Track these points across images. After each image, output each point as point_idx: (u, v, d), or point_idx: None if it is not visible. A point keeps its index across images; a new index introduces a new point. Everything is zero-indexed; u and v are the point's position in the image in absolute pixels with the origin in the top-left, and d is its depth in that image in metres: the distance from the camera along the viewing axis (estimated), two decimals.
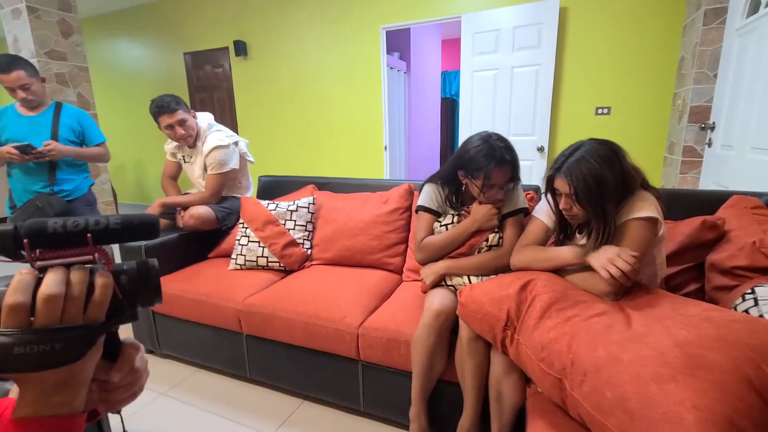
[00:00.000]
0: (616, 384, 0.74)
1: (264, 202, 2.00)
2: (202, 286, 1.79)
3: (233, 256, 1.94)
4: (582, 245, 1.13)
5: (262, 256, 1.89)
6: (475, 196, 1.40)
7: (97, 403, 0.41)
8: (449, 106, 6.67)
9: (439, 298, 1.30)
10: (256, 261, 1.90)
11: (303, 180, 2.25)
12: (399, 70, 4.52)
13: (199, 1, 4.49)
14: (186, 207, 2.03)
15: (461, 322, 1.24)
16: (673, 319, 0.85)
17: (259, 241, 1.90)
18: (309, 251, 1.96)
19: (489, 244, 1.39)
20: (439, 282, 1.43)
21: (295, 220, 1.95)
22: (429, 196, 1.48)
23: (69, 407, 0.33)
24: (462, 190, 1.47)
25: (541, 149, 3.28)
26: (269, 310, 1.60)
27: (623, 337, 0.84)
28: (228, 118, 4.70)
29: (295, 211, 1.96)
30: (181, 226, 2.05)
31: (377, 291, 1.67)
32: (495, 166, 1.27)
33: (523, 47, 3.19)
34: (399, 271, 1.88)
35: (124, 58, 5.28)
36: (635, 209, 1.09)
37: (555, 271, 1.18)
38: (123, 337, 0.42)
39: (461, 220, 1.42)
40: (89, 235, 0.35)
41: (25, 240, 0.33)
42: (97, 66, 5.37)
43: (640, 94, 3.01)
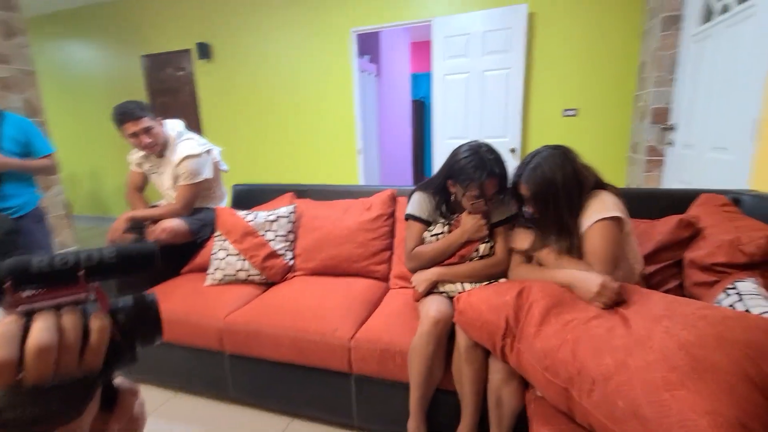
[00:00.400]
0: (627, 392, 0.75)
1: (242, 213, 1.91)
2: (178, 304, 1.68)
3: (210, 271, 1.84)
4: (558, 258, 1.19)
5: (241, 270, 1.81)
6: (463, 205, 1.39)
7: None
8: (419, 109, 6.71)
9: (436, 305, 1.28)
10: (236, 275, 1.81)
11: (281, 188, 2.17)
12: (370, 73, 4.49)
13: (158, 1, 4.27)
14: (156, 220, 1.91)
15: (458, 330, 1.23)
16: (670, 320, 0.87)
17: (237, 254, 1.82)
18: (291, 262, 1.90)
19: (480, 254, 1.39)
20: (432, 289, 1.42)
21: (275, 230, 1.87)
22: (419, 204, 1.46)
23: None
24: (452, 199, 1.46)
25: (513, 151, 3.35)
26: (254, 326, 1.53)
27: (626, 341, 0.85)
28: (194, 122, 4.49)
29: (275, 221, 1.89)
30: (151, 240, 1.92)
31: (365, 300, 1.64)
32: (484, 178, 1.27)
33: (493, 51, 3.25)
34: (385, 279, 1.85)
35: (77, 59, 4.92)
36: (595, 211, 1.15)
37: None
38: (118, 380, 0.37)
39: (452, 230, 1.41)
40: (82, 272, 0.30)
41: (8, 283, 0.28)
42: (47, 69, 4.96)
43: (605, 97, 3.15)
